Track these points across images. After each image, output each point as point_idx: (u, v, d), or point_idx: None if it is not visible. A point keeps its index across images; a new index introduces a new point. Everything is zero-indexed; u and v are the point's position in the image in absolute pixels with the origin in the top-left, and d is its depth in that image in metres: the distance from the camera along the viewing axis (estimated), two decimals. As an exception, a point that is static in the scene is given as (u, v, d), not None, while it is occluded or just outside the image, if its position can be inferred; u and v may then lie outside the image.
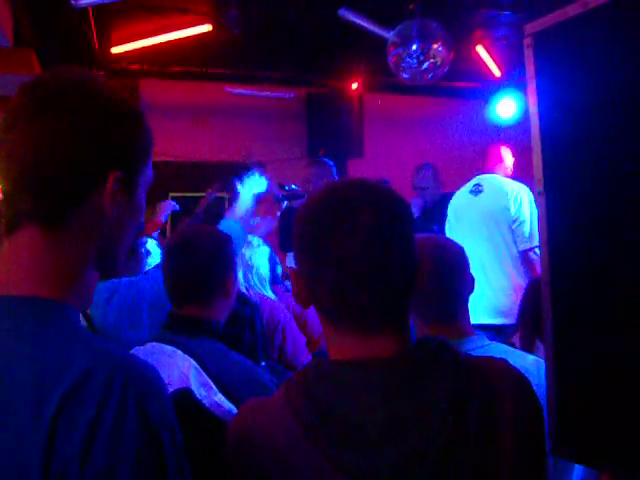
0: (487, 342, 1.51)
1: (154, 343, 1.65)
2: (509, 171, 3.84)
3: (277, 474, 0.93)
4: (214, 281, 1.73)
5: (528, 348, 1.83)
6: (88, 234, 0.87)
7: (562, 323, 1.12)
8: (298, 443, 0.91)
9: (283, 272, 3.21)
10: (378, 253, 0.92)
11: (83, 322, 2.18)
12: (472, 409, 0.91)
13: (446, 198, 4.06)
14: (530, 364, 1.50)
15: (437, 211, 4.19)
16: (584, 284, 1.09)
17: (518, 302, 2.18)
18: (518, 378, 0.99)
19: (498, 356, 1.04)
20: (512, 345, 1.87)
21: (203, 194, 3.70)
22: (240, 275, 2.58)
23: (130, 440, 0.72)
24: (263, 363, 2.01)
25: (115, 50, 4.88)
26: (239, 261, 2.24)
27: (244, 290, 2.60)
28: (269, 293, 2.77)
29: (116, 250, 0.93)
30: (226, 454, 1.00)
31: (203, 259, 1.72)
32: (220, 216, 2.47)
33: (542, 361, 1.47)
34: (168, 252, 1.79)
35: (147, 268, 2.69)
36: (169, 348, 1.60)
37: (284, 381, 1.01)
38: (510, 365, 1.01)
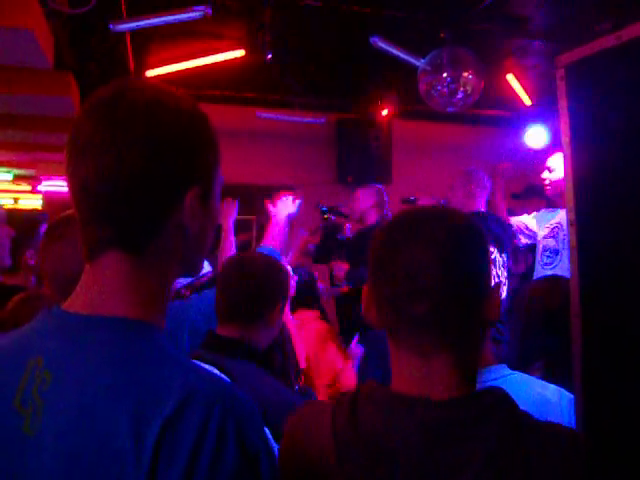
0: (508, 372, 1.48)
1: (192, 361, 1.67)
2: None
3: None
4: (261, 304, 1.78)
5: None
6: (171, 253, 0.85)
7: (590, 359, 1.11)
8: (330, 464, 0.91)
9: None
10: (440, 267, 0.92)
11: None
12: (514, 469, 0.87)
13: None
14: (552, 394, 1.47)
15: None
16: (615, 317, 1.08)
17: None
18: (571, 445, 0.94)
19: (517, 385, 1.02)
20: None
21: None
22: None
23: (230, 467, 0.71)
24: (297, 387, 2.02)
25: (150, 73, 4.98)
26: None
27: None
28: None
29: (199, 257, 0.92)
30: (280, 449, 1.00)
31: (254, 281, 1.79)
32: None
33: (564, 391, 1.45)
34: (223, 272, 1.87)
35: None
36: (206, 367, 1.62)
37: (336, 398, 1.01)
38: (568, 432, 0.97)
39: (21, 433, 0.75)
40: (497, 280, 3.59)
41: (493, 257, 3.69)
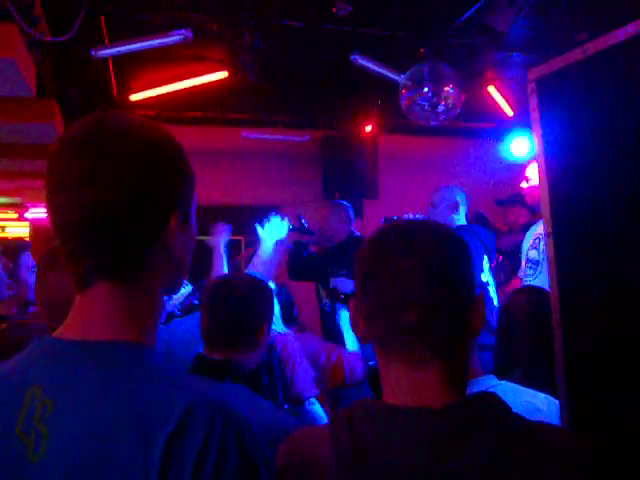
0: (496, 382, 1.48)
1: (186, 378, 1.67)
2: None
3: None
4: (247, 328, 1.78)
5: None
6: (157, 274, 0.88)
7: (574, 365, 1.12)
8: None
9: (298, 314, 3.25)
10: (427, 276, 0.94)
11: None
12: (513, 473, 0.88)
13: None
14: (541, 402, 1.48)
15: None
16: (595, 324, 1.09)
17: None
18: (566, 444, 0.94)
19: (506, 395, 1.03)
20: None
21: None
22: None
23: (232, 477, 0.73)
24: (286, 406, 2.01)
25: (133, 97, 5.00)
26: None
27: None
28: (280, 328, 2.79)
29: (181, 275, 0.95)
30: (277, 473, 1.00)
31: (240, 305, 1.78)
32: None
33: (552, 399, 1.46)
34: (208, 294, 1.85)
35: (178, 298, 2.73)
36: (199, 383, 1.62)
37: (333, 415, 1.01)
38: (562, 431, 0.99)
39: (25, 460, 0.77)
40: (488, 288, 3.62)
41: (488, 266, 3.73)
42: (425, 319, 0.94)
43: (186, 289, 2.82)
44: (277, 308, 2.86)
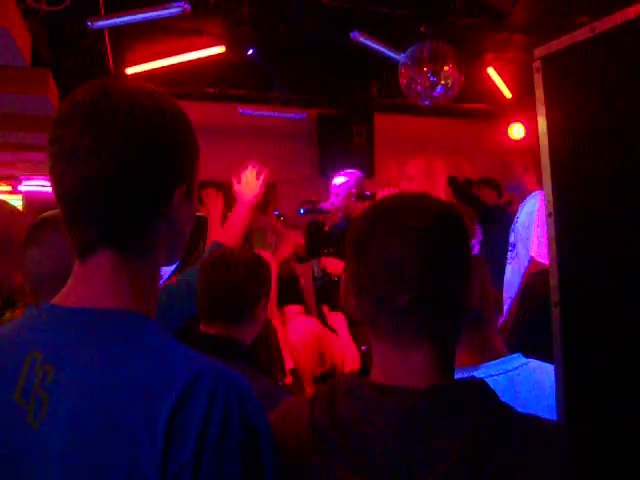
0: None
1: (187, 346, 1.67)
2: None
3: None
4: (244, 301, 1.78)
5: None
6: (159, 247, 0.88)
7: (572, 345, 1.12)
8: (308, 455, 0.91)
9: None
10: (421, 257, 0.91)
11: None
12: (494, 458, 0.86)
13: None
14: None
15: None
16: (594, 305, 1.09)
17: None
18: (553, 434, 0.93)
19: (540, 372, 0.99)
20: None
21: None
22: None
23: (236, 441, 0.74)
24: (280, 383, 2.02)
25: (129, 71, 4.95)
26: None
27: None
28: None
29: (181, 247, 0.94)
30: None
31: (237, 278, 1.77)
32: None
33: None
34: (204, 268, 1.84)
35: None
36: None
37: (315, 391, 1.00)
38: (553, 425, 0.96)
39: (23, 425, 0.77)
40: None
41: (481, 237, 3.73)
42: (416, 301, 0.91)
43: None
44: None
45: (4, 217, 1.78)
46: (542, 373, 1.44)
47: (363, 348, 3.24)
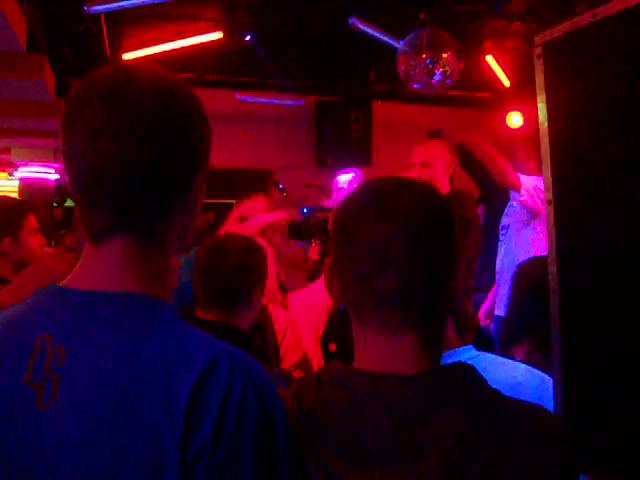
0: (475, 353, 1.43)
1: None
2: None
3: None
4: (242, 287, 1.77)
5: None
6: (174, 233, 0.88)
7: (570, 333, 1.12)
8: (298, 448, 0.88)
9: None
10: (408, 241, 0.89)
11: None
12: (482, 445, 0.85)
13: None
14: (521, 374, 1.42)
15: None
16: (593, 292, 1.09)
17: None
18: (548, 424, 0.91)
19: (485, 366, 1.00)
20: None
21: (212, 201, 3.68)
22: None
23: (253, 423, 0.75)
24: (276, 370, 2.02)
25: (126, 56, 4.91)
26: None
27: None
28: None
29: (192, 234, 0.94)
30: None
31: (234, 263, 1.77)
32: None
33: (535, 371, 1.43)
34: (202, 254, 1.83)
35: None
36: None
37: (300, 379, 0.99)
38: (542, 410, 0.95)
39: (33, 408, 0.76)
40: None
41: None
42: (403, 286, 0.89)
43: None
44: None
45: None
46: (494, 368, 1.41)
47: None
